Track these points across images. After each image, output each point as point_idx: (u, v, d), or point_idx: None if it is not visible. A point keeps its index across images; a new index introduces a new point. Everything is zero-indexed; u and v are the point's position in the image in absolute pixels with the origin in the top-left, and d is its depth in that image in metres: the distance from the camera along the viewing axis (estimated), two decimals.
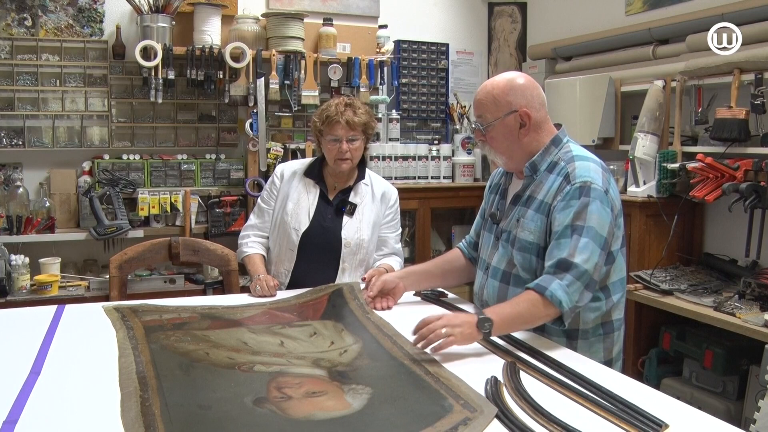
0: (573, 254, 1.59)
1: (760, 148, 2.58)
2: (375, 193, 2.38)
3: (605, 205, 1.63)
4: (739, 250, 2.73)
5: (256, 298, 2.11)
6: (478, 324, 1.53)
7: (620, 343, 1.78)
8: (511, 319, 1.58)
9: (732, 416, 2.48)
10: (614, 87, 3.25)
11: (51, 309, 1.93)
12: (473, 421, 1.18)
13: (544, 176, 1.73)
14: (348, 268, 2.31)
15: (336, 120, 2.22)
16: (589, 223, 1.60)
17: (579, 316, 1.70)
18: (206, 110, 3.61)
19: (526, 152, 1.75)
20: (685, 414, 1.26)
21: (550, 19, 4.08)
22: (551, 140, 1.75)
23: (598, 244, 1.60)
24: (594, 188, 1.63)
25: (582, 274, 1.58)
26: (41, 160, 3.36)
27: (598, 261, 1.60)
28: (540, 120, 1.74)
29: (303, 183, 2.36)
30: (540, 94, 1.75)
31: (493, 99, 1.72)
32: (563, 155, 1.73)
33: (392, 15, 4.01)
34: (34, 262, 3.05)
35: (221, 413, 1.23)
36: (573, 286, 1.58)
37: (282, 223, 2.33)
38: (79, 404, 1.27)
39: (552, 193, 1.68)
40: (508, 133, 1.73)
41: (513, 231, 1.76)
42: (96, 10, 3.42)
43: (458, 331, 1.51)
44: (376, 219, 2.37)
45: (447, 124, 4.19)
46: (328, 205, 2.34)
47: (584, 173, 1.65)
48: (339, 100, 2.29)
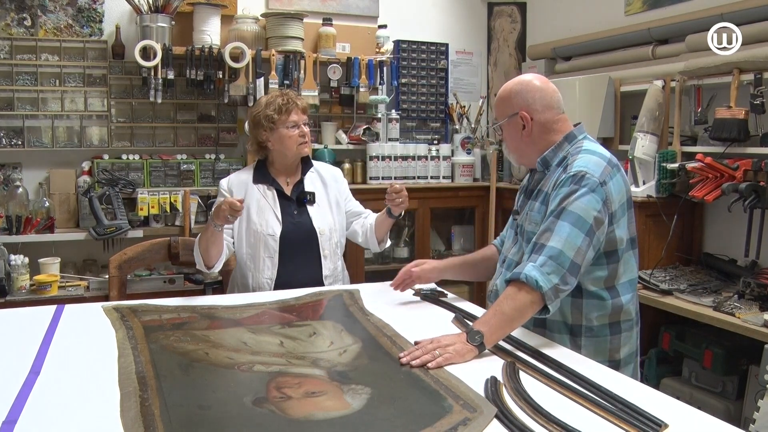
0: (548, 237, 1.60)
1: (759, 148, 2.58)
2: (324, 177, 2.43)
3: (596, 194, 1.62)
4: (738, 250, 2.73)
5: (271, 297, 2.10)
6: (468, 338, 1.53)
7: (630, 346, 1.75)
8: (498, 322, 1.56)
9: (731, 416, 2.48)
10: (614, 87, 3.25)
11: (50, 309, 1.93)
12: (473, 422, 1.18)
13: (553, 170, 1.75)
14: (328, 254, 2.34)
15: (291, 107, 2.29)
16: (570, 208, 1.60)
17: (581, 312, 1.69)
18: (206, 110, 3.61)
19: (535, 151, 1.78)
20: (684, 414, 1.26)
21: (550, 19, 4.08)
22: (564, 137, 1.77)
23: (581, 228, 1.59)
24: (587, 177, 1.62)
25: (557, 254, 1.56)
26: (41, 160, 3.36)
27: (579, 245, 1.58)
28: (547, 121, 1.76)
29: (256, 190, 2.35)
30: (545, 96, 1.76)
31: (500, 100, 1.81)
32: (573, 150, 1.74)
33: (392, 15, 4.01)
34: (33, 262, 3.05)
35: (221, 413, 1.23)
36: (547, 266, 1.56)
37: (252, 233, 2.30)
38: (79, 404, 1.27)
39: (552, 184, 1.71)
40: (513, 133, 1.79)
41: (526, 226, 1.78)
42: (95, 10, 3.41)
43: (451, 349, 1.51)
44: (337, 200, 2.42)
45: (446, 124, 4.19)
46: (289, 202, 2.35)
47: (582, 164, 1.66)
48: (277, 93, 2.36)
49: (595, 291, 1.69)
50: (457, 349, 1.51)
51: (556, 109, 1.78)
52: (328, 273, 2.35)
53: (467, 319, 1.83)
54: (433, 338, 1.56)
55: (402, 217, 2.47)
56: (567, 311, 1.70)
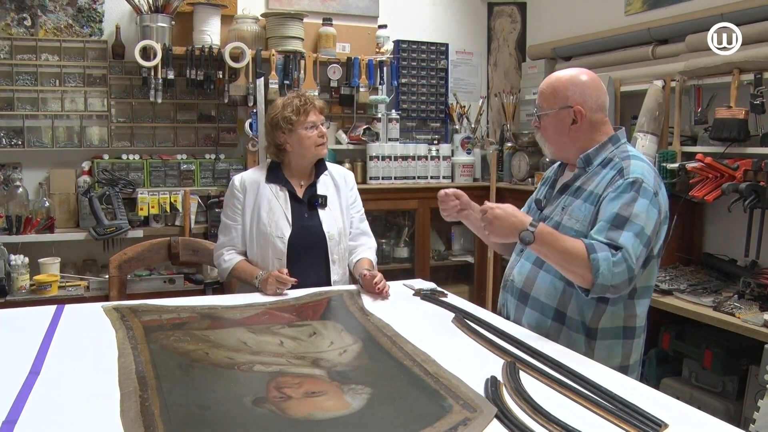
0: (621, 240, 1.59)
1: (759, 148, 2.58)
2: (336, 180, 2.40)
3: (653, 205, 1.64)
4: (738, 250, 2.73)
5: (272, 297, 2.10)
6: (523, 233, 1.59)
7: (639, 352, 1.77)
8: (554, 241, 1.60)
9: (731, 416, 2.48)
10: (614, 87, 3.25)
11: (50, 309, 1.93)
12: (473, 422, 1.18)
13: (597, 170, 1.74)
14: (337, 259, 2.31)
15: (309, 107, 2.26)
16: (635, 219, 1.61)
17: (601, 316, 1.70)
18: (206, 110, 3.61)
19: (576, 147, 1.78)
20: (684, 414, 1.26)
21: (550, 19, 4.08)
22: (609, 138, 1.77)
23: (642, 240, 1.61)
24: (645, 187, 1.64)
25: (628, 258, 1.58)
26: (41, 160, 3.36)
27: (639, 254, 1.60)
28: (596, 121, 1.76)
29: (268, 190, 2.31)
30: (600, 96, 1.77)
31: (553, 90, 1.77)
32: (619, 153, 1.75)
33: (392, 15, 4.01)
34: (33, 262, 3.05)
35: (221, 413, 1.23)
36: (618, 267, 1.57)
37: (261, 235, 2.27)
38: (79, 404, 1.27)
39: (603, 185, 1.70)
40: (560, 125, 1.77)
41: (557, 218, 1.77)
42: (95, 9, 3.41)
43: (501, 212, 1.62)
44: (345, 204, 2.39)
45: (446, 124, 4.19)
46: (301, 204, 2.32)
47: (638, 170, 1.67)
48: (293, 94, 2.32)
49: (620, 297, 1.69)
50: (506, 214, 1.63)
51: (604, 111, 1.79)
52: (338, 278, 2.31)
53: (467, 319, 1.83)
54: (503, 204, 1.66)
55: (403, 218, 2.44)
56: (588, 313, 1.71)
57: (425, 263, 3.91)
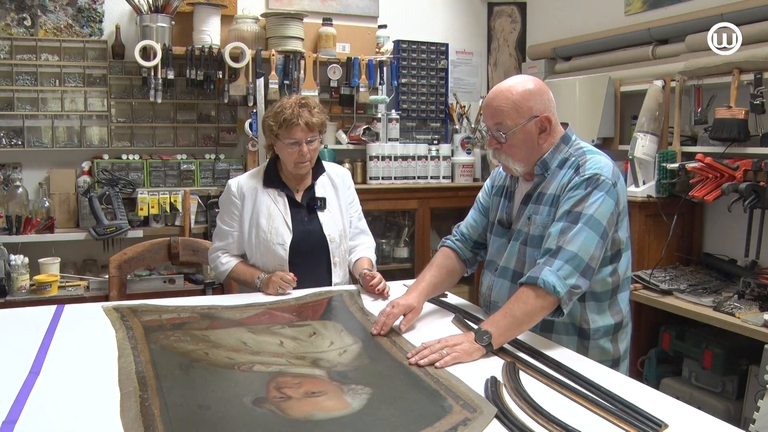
0: (564, 240, 1.59)
1: (759, 148, 2.58)
2: (334, 180, 2.35)
3: (610, 196, 1.63)
4: (738, 250, 2.73)
5: (275, 296, 2.09)
6: (477, 338, 1.53)
7: (627, 341, 1.79)
8: (507, 324, 1.56)
9: (731, 416, 2.48)
10: (614, 87, 3.25)
11: (50, 309, 1.93)
12: (473, 422, 1.18)
13: (554, 173, 1.73)
14: (339, 262, 2.30)
15: (294, 123, 2.11)
16: (587, 211, 1.61)
17: (589, 314, 1.70)
18: (205, 110, 3.61)
19: (538, 155, 1.74)
20: (684, 414, 1.26)
21: (550, 19, 4.08)
22: (561, 138, 1.75)
23: (596, 231, 1.60)
24: (602, 180, 1.63)
25: (572, 257, 1.57)
26: (41, 160, 3.36)
27: (594, 248, 1.59)
28: (556, 123, 1.75)
29: (266, 195, 2.25)
30: (552, 98, 1.75)
31: (514, 105, 1.68)
32: (574, 151, 1.73)
33: (392, 15, 4.01)
34: (33, 262, 3.05)
35: (221, 413, 1.23)
36: (563, 270, 1.56)
37: (262, 241, 2.22)
38: (79, 404, 1.27)
39: (562, 185, 1.69)
40: (528, 139, 1.70)
41: (524, 229, 1.75)
42: (95, 10, 3.42)
43: (459, 348, 1.51)
44: (344, 204, 2.35)
45: (446, 124, 4.19)
46: (300, 208, 2.26)
47: (594, 165, 1.66)
48: (293, 100, 2.18)
49: (603, 292, 1.70)
50: (465, 348, 1.51)
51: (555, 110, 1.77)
52: (339, 281, 2.30)
53: (467, 319, 1.83)
54: (440, 339, 1.56)
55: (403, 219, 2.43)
56: (576, 314, 1.70)
57: (425, 263, 3.84)
